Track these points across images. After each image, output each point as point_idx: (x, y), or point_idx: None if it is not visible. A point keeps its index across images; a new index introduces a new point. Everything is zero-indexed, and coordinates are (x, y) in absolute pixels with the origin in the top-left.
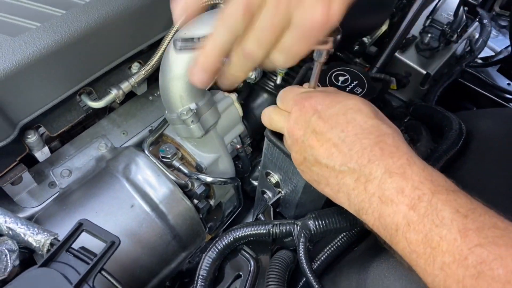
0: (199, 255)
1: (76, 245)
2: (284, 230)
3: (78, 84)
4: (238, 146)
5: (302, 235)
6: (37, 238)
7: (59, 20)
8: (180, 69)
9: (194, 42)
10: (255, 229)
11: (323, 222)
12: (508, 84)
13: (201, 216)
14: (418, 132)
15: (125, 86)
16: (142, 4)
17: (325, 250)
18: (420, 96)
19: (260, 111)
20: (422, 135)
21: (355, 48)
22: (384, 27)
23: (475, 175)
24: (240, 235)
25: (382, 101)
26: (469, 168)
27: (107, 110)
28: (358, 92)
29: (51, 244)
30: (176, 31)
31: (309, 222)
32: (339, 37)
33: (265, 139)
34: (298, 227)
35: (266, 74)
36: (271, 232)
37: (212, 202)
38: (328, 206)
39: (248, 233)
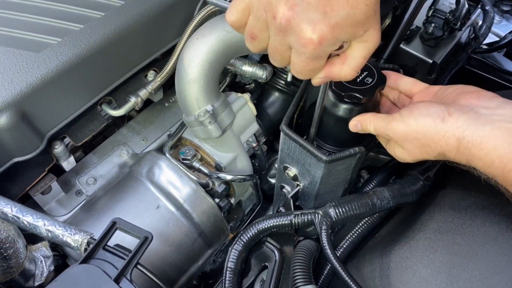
0: (222, 256)
1: (110, 244)
2: (306, 220)
3: (98, 94)
4: (254, 145)
5: (324, 222)
6: (75, 238)
7: (78, 34)
8: (195, 73)
9: None
10: (278, 220)
11: (343, 209)
12: None
13: (222, 214)
14: None
15: (143, 93)
16: (154, 14)
17: (347, 238)
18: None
19: (272, 110)
20: None
21: None
22: (387, 21)
23: None
24: (263, 227)
25: None
26: None
27: (126, 119)
28: (369, 82)
29: (88, 243)
30: (188, 38)
31: (329, 210)
32: None
33: (281, 133)
34: (319, 216)
35: (276, 73)
36: (293, 222)
37: (232, 201)
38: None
39: (271, 224)
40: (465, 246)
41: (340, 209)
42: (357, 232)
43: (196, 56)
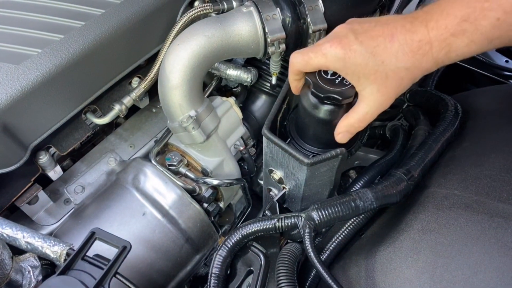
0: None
1: (92, 253)
2: (289, 223)
3: (82, 103)
4: (242, 148)
5: (307, 226)
6: (54, 249)
7: (58, 44)
8: (177, 79)
9: None
10: (262, 224)
11: (326, 212)
12: (507, 61)
13: (212, 219)
14: (416, 117)
15: (127, 100)
16: (136, 21)
17: (333, 240)
18: (419, 82)
19: (260, 113)
20: (419, 119)
21: None
22: (376, 15)
23: (473, 152)
24: (247, 232)
25: None
26: (466, 146)
27: (114, 126)
28: (347, 83)
29: (68, 254)
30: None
31: (312, 213)
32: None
33: (263, 137)
34: (302, 219)
35: (262, 75)
36: (277, 226)
37: (221, 204)
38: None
39: (255, 229)
40: (448, 246)
41: (323, 212)
42: (344, 234)
43: (177, 62)
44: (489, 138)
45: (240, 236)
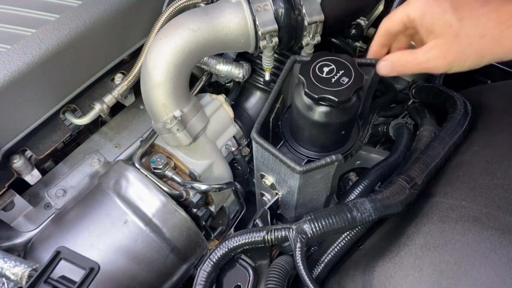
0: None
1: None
2: (279, 236)
3: (59, 103)
4: (233, 149)
5: (298, 240)
6: (14, 271)
7: (29, 40)
8: (160, 76)
9: None
10: (250, 237)
11: (320, 224)
12: None
13: (203, 223)
14: (421, 115)
15: (109, 99)
16: (117, 12)
17: (329, 251)
18: (426, 76)
19: (254, 110)
20: (425, 118)
21: (352, 32)
22: (380, 7)
23: (483, 159)
24: (234, 245)
25: (384, 84)
26: (476, 151)
27: (99, 123)
28: (344, 82)
29: (30, 276)
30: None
31: (304, 226)
32: None
33: (253, 142)
34: (294, 232)
35: (255, 70)
36: (266, 239)
37: (212, 208)
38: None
39: (242, 242)
40: (453, 264)
41: (316, 224)
42: (340, 245)
43: (160, 58)
44: (502, 141)
45: (226, 250)
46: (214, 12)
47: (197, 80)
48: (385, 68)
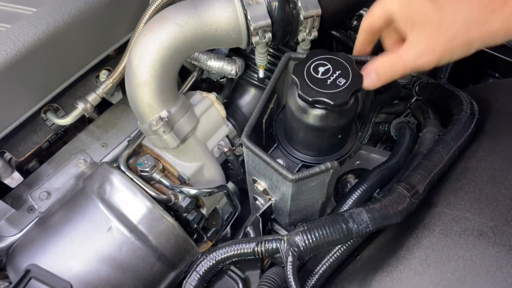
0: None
1: None
2: (270, 248)
3: (39, 102)
4: (226, 149)
5: (290, 253)
6: None
7: (3, 36)
8: (145, 75)
9: None
10: (238, 248)
11: (313, 237)
12: None
13: (195, 225)
14: (425, 115)
15: (93, 98)
16: (100, 5)
17: (324, 262)
18: (430, 72)
19: (248, 108)
20: (429, 118)
21: (354, 24)
22: None
23: (489, 165)
24: (222, 257)
25: None
26: (482, 157)
27: (86, 121)
28: (341, 84)
29: None
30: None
31: (296, 238)
32: None
33: (243, 146)
34: (285, 244)
35: (249, 66)
36: (255, 251)
37: (204, 211)
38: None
39: (231, 254)
40: (456, 283)
41: (309, 236)
42: (336, 255)
43: (145, 55)
44: (511, 146)
45: (214, 262)
46: (202, 5)
47: (189, 74)
48: (369, 79)
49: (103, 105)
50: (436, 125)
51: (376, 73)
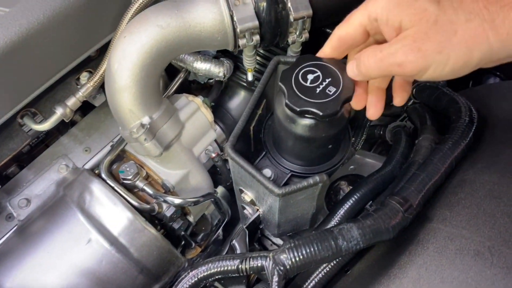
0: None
1: None
2: (255, 266)
3: (14, 107)
4: (213, 155)
5: (276, 272)
6: None
7: None
8: (125, 79)
9: None
10: (221, 265)
11: (300, 255)
12: None
13: (182, 233)
14: (422, 120)
15: (72, 102)
16: (80, 4)
17: (313, 277)
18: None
19: (237, 112)
20: (426, 124)
21: None
22: None
23: (488, 178)
24: (204, 275)
25: None
26: (480, 168)
27: (69, 124)
28: (331, 93)
29: None
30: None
31: (282, 257)
32: None
33: (228, 157)
34: (271, 262)
35: (239, 67)
36: (240, 268)
37: (191, 219)
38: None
39: (214, 271)
40: None
41: (296, 254)
42: (326, 270)
43: (125, 59)
44: (511, 158)
45: (196, 280)
46: (185, 6)
47: (178, 74)
48: (351, 70)
49: (87, 107)
50: (433, 132)
51: (357, 64)
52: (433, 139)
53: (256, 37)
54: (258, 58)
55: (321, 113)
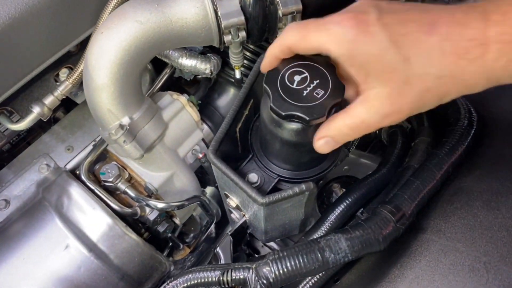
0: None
1: None
2: (236, 278)
3: None
4: (200, 155)
5: (258, 286)
6: None
7: None
8: (103, 78)
9: None
10: (202, 276)
11: (284, 268)
12: None
13: (169, 235)
14: (419, 121)
15: (50, 101)
16: None
17: (301, 287)
18: None
19: (227, 110)
20: (423, 126)
21: None
22: None
23: (486, 187)
24: (183, 286)
25: None
26: (478, 176)
27: (52, 121)
28: (319, 96)
29: None
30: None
31: (265, 269)
32: None
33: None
34: (253, 275)
35: (228, 63)
36: (221, 280)
37: (177, 221)
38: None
39: (194, 282)
40: None
41: (279, 267)
42: (314, 280)
43: (102, 56)
44: (511, 165)
45: None
46: (167, 0)
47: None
48: (327, 146)
49: (71, 103)
50: (430, 134)
51: (333, 140)
52: (430, 142)
53: (243, 34)
54: (247, 53)
55: (307, 118)
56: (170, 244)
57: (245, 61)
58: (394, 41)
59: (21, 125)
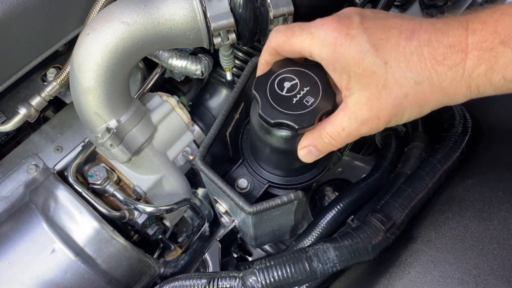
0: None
1: None
2: (223, 287)
3: None
4: (191, 157)
5: None
6: None
7: None
8: (89, 80)
9: None
10: (188, 285)
11: (271, 277)
12: None
13: (159, 237)
14: (413, 126)
15: (37, 101)
16: None
17: None
18: None
19: (219, 110)
20: (417, 131)
21: None
22: None
23: (478, 197)
24: None
25: None
26: (471, 185)
27: (42, 120)
28: (308, 104)
29: None
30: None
31: (251, 279)
32: None
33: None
34: (240, 284)
35: (219, 63)
36: None
37: (167, 223)
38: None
39: None
40: None
41: (266, 277)
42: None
43: (88, 59)
44: (506, 175)
45: None
46: (155, 1)
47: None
48: (310, 156)
49: (61, 102)
50: (424, 140)
51: (316, 149)
52: (423, 148)
53: (232, 36)
54: (239, 54)
55: (296, 127)
56: (160, 246)
57: (237, 62)
58: (373, 45)
59: (7, 127)
